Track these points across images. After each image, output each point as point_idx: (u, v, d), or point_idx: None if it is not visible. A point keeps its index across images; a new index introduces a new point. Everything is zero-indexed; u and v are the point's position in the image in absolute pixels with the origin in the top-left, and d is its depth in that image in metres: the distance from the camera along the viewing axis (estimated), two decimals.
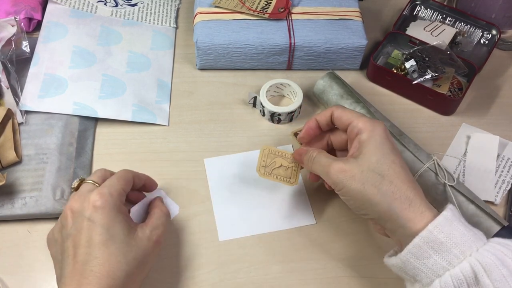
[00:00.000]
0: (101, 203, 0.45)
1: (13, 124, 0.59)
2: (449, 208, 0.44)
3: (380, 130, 0.48)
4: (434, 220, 0.42)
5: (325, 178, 0.49)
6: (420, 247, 0.42)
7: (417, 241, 0.42)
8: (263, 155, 0.55)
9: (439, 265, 0.41)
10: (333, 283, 0.53)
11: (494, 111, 0.67)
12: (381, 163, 0.46)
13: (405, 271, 0.44)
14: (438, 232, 0.42)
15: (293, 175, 0.55)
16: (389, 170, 0.45)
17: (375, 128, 0.48)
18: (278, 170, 0.55)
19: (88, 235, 0.44)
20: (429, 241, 0.42)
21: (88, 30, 0.69)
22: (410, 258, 0.43)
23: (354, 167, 0.46)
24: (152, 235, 0.47)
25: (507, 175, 0.61)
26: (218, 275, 0.52)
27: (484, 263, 0.40)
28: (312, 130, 0.53)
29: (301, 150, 0.53)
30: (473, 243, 0.41)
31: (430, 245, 0.42)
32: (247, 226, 0.56)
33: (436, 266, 0.42)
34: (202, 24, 0.67)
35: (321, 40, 0.66)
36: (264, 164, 0.55)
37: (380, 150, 0.47)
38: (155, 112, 0.64)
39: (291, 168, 0.55)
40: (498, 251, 0.40)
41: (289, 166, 0.55)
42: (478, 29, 0.72)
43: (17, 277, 0.52)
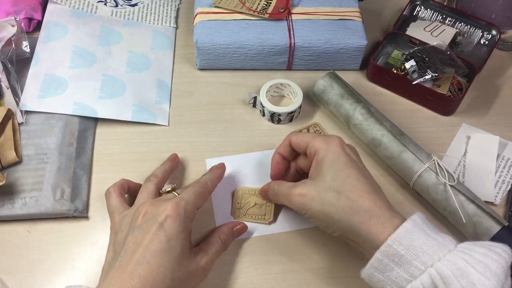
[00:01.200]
0: (175, 214, 0.46)
1: (13, 124, 0.59)
2: (411, 219, 0.44)
3: (334, 146, 0.49)
4: (394, 233, 0.42)
5: (289, 206, 0.50)
6: (381, 261, 0.43)
7: (378, 256, 0.43)
8: (236, 197, 0.57)
9: (401, 277, 0.42)
10: (333, 283, 0.53)
11: (494, 111, 0.67)
12: (335, 179, 0.47)
13: (373, 283, 0.44)
14: (397, 245, 0.42)
15: (268, 212, 0.56)
16: (344, 185, 0.46)
17: (329, 145, 0.49)
18: (253, 209, 0.56)
19: (150, 239, 0.44)
20: (389, 255, 0.42)
21: (88, 30, 0.69)
22: (374, 272, 0.44)
23: (312, 189, 0.47)
24: (203, 261, 0.48)
25: (507, 175, 0.61)
26: (218, 275, 0.52)
27: (443, 274, 0.40)
28: (279, 165, 0.55)
29: (265, 187, 0.55)
30: (435, 253, 0.41)
31: (391, 258, 0.42)
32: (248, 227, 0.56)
33: (399, 278, 0.42)
34: (202, 24, 0.67)
35: (321, 40, 0.66)
36: (239, 206, 0.56)
37: (334, 166, 0.47)
38: (155, 112, 0.64)
39: (265, 205, 0.56)
40: (460, 260, 0.40)
41: (262, 203, 0.56)
42: (478, 29, 0.73)
43: (17, 277, 0.52)
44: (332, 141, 0.49)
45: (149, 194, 0.51)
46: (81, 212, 0.55)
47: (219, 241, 0.51)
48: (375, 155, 0.62)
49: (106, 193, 0.53)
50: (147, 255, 0.44)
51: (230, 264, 0.53)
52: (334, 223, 0.46)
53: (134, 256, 0.44)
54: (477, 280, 0.39)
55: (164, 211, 0.46)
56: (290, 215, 0.57)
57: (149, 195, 0.51)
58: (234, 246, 0.54)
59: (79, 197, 0.56)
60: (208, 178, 0.53)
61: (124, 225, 0.48)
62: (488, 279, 0.39)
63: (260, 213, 0.56)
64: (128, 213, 0.49)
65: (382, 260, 0.43)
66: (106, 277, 0.44)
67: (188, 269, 0.46)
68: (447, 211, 0.55)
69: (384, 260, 0.43)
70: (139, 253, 0.44)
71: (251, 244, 0.55)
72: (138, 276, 0.42)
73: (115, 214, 0.50)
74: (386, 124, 0.59)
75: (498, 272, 0.39)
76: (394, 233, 0.42)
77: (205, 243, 0.51)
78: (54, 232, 0.55)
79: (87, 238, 0.54)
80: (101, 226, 0.55)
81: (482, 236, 0.52)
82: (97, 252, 0.53)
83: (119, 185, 0.53)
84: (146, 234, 0.45)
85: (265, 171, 0.58)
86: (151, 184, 0.52)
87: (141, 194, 0.51)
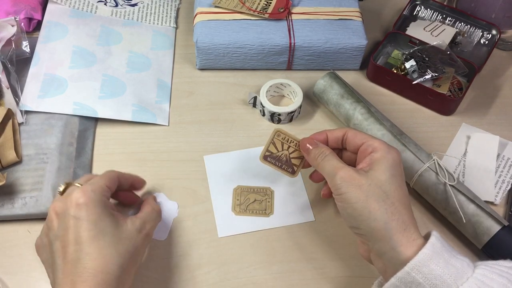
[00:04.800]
0: (84, 199, 0.44)
1: (13, 124, 0.59)
2: (430, 243, 0.42)
3: (394, 154, 0.48)
4: (413, 259, 0.41)
5: (330, 179, 0.48)
6: (397, 287, 0.41)
7: (394, 281, 0.41)
8: (236, 194, 0.58)
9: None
10: (333, 283, 0.53)
11: (494, 111, 0.67)
12: (389, 183, 0.46)
13: None
14: (416, 273, 0.41)
15: (268, 206, 0.57)
16: (395, 192, 0.45)
17: (391, 151, 0.48)
18: (253, 205, 0.57)
19: (76, 233, 0.43)
20: (407, 282, 0.41)
21: (88, 30, 0.69)
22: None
23: (363, 178, 0.46)
24: (142, 228, 0.47)
25: (507, 175, 0.61)
26: (218, 275, 0.52)
27: None
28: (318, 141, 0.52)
29: (311, 142, 0.52)
30: (453, 282, 0.40)
31: (408, 285, 0.41)
32: (246, 223, 0.56)
33: None
34: (202, 24, 0.67)
35: (321, 40, 0.66)
36: (239, 203, 0.57)
37: (391, 172, 0.46)
38: (155, 112, 0.64)
39: (265, 201, 0.57)
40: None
41: (262, 199, 0.57)
42: (478, 29, 0.72)
43: (17, 277, 0.52)
44: (394, 150, 0.48)
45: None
46: None
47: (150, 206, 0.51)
48: None
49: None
50: (82, 248, 0.42)
51: (230, 264, 0.53)
52: (368, 219, 0.44)
53: (69, 257, 0.43)
54: None
55: (72, 202, 0.44)
56: (289, 209, 0.57)
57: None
58: (234, 246, 0.54)
59: None
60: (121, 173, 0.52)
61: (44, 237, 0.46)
62: None
63: (261, 208, 0.57)
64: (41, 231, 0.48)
65: (398, 286, 0.41)
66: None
67: (130, 239, 0.45)
68: (447, 211, 0.55)
69: (401, 286, 0.41)
70: (73, 251, 0.43)
71: (252, 244, 0.55)
72: (83, 270, 0.41)
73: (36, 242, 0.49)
74: (386, 124, 0.59)
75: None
76: (413, 259, 0.41)
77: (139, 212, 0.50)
78: None
79: None
80: None
81: (482, 236, 0.52)
82: None
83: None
84: (68, 231, 0.43)
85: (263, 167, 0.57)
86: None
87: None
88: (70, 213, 0.44)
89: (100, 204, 0.45)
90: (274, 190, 0.58)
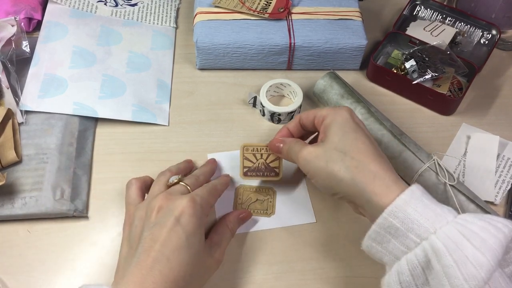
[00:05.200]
0: (192, 210, 0.46)
1: (13, 124, 0.59)
2: (409, 189, 0.43)
3: (343, 112, 0.49)
4: (390, 205, 0.42)
5: (296, 162, 0.50)
6: (378, 233, 0.43)
7: (375, 227, 0.43)
8: (238, 193, 0.58)
9: (398, 249, 0.42)
10: (333, 283, 0.53)
11: (494, 111, 0.67)
12: (343, 141, 0.47)
13: (372, 254, 0.45)
14: (393, 218, 0.41)
15: (270, 207, 0.57)
16: (351, 146, 0.46)
17: (338, 111, 0.49)
18: (255, 205, 0.57)
19: (168, 234, 0.44)
20: (385, 227, 0.42)
21: (88, 30, 0.69)
22: (372, 243, 0.44)
23: (319, 148, 0.48)
24: (217, 254, 0.49)
25: (507, 175, 0.61)
26: (218, 275, 0.52)
27: (436, 247, 0.39)
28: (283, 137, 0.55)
29: (278, 141, 0.54)
30: (431, 225, 0.40)
31: (387, 230, 0.42)
32: (247, 222, 0.56)
33: (395, 250, 0.42)
34: (202, 24, 0.67)
35: (321, 40, 0.66)
36: (241, 202, 0.57)
37: (342, 129, 0.48)
38: (155, 112, 0.64)
39: (266, 201, 0.57)
40: (455, 233, 0.39)
41: (264, 199, 0.57)
42: (478, 29, 0.72)
43: (17, 277, 0.52)
44: (342, 109, 0.50)
45: (161, 187, 0.51)
46: (81, 212, 0.55)
47: (228, 230, 0.52)
48: None
49: (128, 183, 0.52)
50: (166, 251, 0.43)
51: (231, 264, 0.53)
52: (337, 183, 0.46)
53: (152, 253, 0.43)
54: (471, 254, 0.37)
55: (180, 205, 0.46)
56: (291, 210, 0.57)
57: (161, 188, 0.50)
58: (235, 246, 0.54)
59: (79, 197, 0.56)
60: (217, 182, 0.53)
61: (138, 220, 0.47)
62: (483, 254, 0.37)
63: (263, 208, 0.57)
64: (141, 206, 0.49)
65: (379, 232, 0.43)
66: (125, 274, 0.43)
67: (205, 264, 0.47)
68: None
69: (381, 232, 0.42)
70: (157, 250, 0.43)
71: (252, 244, 0.55)
72: (158, 273, 0.42)
73: (131, 206, 0.50)
74: (386, 124, 0.59)
75: (495, 247, 0.38)
76: (390, 205, 0.42)
77: (215, 234, 0.51)
78: (54, 232, 0.55)
79: (87, 238, 0.54)
80: (101, 226, 0.55)
81: None
82: (97, 252, 0.53)
83: (142, 179, 0.53)
84: (163, 229, 0.44)
85: None
86: (164, 178, 0.52)
87: (154, 187, 0.51)
88: (174, 213, 0.45)
89: (200, 221, 0.46)
90: (276, 190, 0.58)
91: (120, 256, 0.47)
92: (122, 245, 0.48)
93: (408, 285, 0.41)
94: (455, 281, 0.37)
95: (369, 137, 0.48)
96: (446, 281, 0.38)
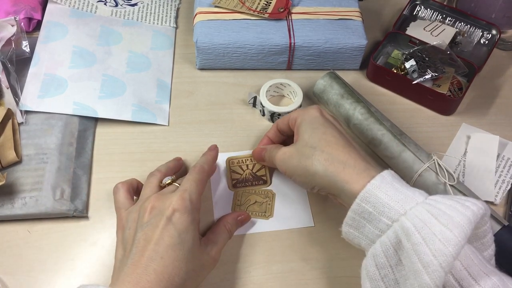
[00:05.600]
0: (182, 207, 0.46)
1: (13, 124, 0.59)
2: (380, 175, 0.44)
3: (311, 111, 0.52)
4: (362, 191, 0.43)
5: (275, 165, 0.53)
6: (353, 219, 0.44)
7: (350, 214, 0.44)
8: (236, 194, 0.58)
9: (373, 233, 0.43)
10: (333, 283, 0.53)
11: (494, 111, 0.67)
12: (312, 137, 0.49)
13: (350, 240, 0.46)
14: (365, 203, 0.43)
15: (268, 209, 0.57)
16: (320, 141, 0.49)
17: (307, 111, 0.52)
18: (253, 207, 0.57)
19: (161, 234, 0.44)
20: (359, 213, 0.44)
21: (88, 30, 0.69)
22: (349, 229, 0.45)
23: (292, 148, 0.51)
24: (213, 252, 0.49)
25: (507, 175, 0.61)
26: (218, 275, 0.52)
27: (405, 227, 0.40)
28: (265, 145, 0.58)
29: (260, 150, 0.57)
30: (401, 207, 0.41)
31: (361, 215, 0.44)
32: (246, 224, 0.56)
33: (371, 234, 0.44)
34: (202, 24, 0.67)
35: (321, 40, 0.66)
36: (239, 203, 0.57)
37: (311, 126, 0.50)
38: (155, 112, 0.64)
39: (265, 203, 0.57)
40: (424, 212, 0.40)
41: (263, 201, 0.57)
42: (478, 29, 0.72)
43: (17, 277, 0.52)
44: (310, 108, 0.53)
45: (153, 189, 0.51)
46: (81, 212, 0.55)
47: (226, 230, 0.52)
48: (375, 155, 0.62)
49: (114, 189, 0.53)
50: (159, 250, 0.44)
51: (230, 264, 0.53)
52: (311, 177, 0.48)
53: (146, 252, 0.44)
54: (439, 231, 0.38)
55: (170, 205, 0.46)
56: (290, 214, 0.57)
57: (153, 190, 0.51)
58: (234, 246, 0.54)
59: (79, 197, 0.56)
60: (203, 161, 0.53)
61: (131, 222, 0.48)
62: (450, 230, 0.38)
63: (261, 210, 0.57)
64: (133, 209, 0.49)
65: (354, 217, 0.44)
66: (120, 275, 0.43)
67: (200, 261, 0.47)
68: None
69: (355, 217, 0.44)
70: (151, 249, 0.44)
71: (252, 244, 0.55)
72: (153, 271, 0.42)
73: (122, 210, 0.50)
74: (386, 124, 0.59)
75: (463, 223, 0.38)
76: (362, 191, 0.43)
77: (212, 233, 0.51)
78: (54, 232, 0.55)
79: (87, 238, 0.54)
80: (101, 226, 0.55)
81: None
82: (97, 252, 0.53)
83: (129, 182, 0.53)
84: (156, 229, 0.45)
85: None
86: (155, 179, 0.52)
87: (145, 189, 0.51)
88: (165, 213, 0.46)
89: (191, 215, 0.47)
90: (275, 193, 0.58)
91: (115, 259, 0.47)
92: (117, 248, 0.48)
93: (383, 266, 0.42)
94: (424, 258, 0.38)
95: (338, 130, 0.50)
96: (416, 258, 0.39)
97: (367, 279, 0.43)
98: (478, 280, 0.40)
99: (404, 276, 0.41)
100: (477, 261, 0.41)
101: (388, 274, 0.42)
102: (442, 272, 0.37)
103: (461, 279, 0.40)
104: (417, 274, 0.39)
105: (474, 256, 0.41)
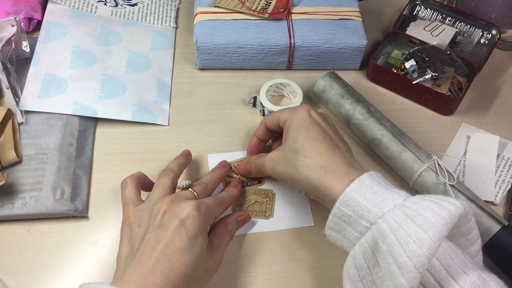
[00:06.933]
0: (196, 214, 0.46)
1: (13, 124, 0.59)
2: (359, 178, 0.45)
3: (300, 113, 0.52)
4: (341, 195, 0.44)
5: (266, 173, 0.54)
6: (335, 222, 0.45)
7: (331, 217, 0.45)
8: None
9: (353, 235, 0.44)
10: (333, 283, 0.53)
11: (494, 111, 0.67)
12: (296, 141, 0.50)
13: (334, 242, 0.47)
14: (344, 207, 0.44)
15: (268, 209, 0.57)
16: (303, 146, 0.49)
17: (295, 113, 0.52)
18: (253, 207, 0.57)
19: (171, 237, 0.44)
20: (339, 216, 0.45)
21: (88, 30, 0.69)
22: (331, 232, 0.46)
23: (278, 152, 0.51)
24: (217, 257, 0.49)
25: (507, 175, 0.61)
26: (218, 275, 0.52)
27: (381, 229, 0.41)
28: (255, 147, 0.58)
29: (243, 164, 0.58)
30: (379, 210, 0.42)
31: (342, 219, 0.44)
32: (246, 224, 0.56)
33: (351, 236, 0.44)
34: (202, 24, 0.67)
35: (321, 40, 0.66)
36: (239, 203, 0.57)
37: (296, 130, 0.50)
38: (155, 112, 0.64)
39: (265, 203, 0.57)
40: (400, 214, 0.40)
41: (263, 201, 0.57)
42: (478, 29, 0.73)
43: (17, 277, 0.52)
44: (298, 109, 0.52)
45: (165, 190, 0.51)
46: (81, 212, 0.55)
47: (227, 232, 0.52)
48: (375, 155, 0.62)
49: (123, 183, 0.52)
50: (168, 252, 0.43)
51: (231, 264, 0.53)
52: (297, 182, 0.49)
53: (154, 253, 0.43)
54: (413, 232, 0.39)
55: (185, 209, 0.46)
56: (290, 214, 0.57)
57: (165, 191, 0.50)
58: (235, 246, 0.54)
59: (79, 197, 0.56)
60: (226, 195, 0.54)
61: (142, 220, 0.47)
62: (425, 231, 0.38)
63: (261, 210, 0.57)
64: (144, 207, 0.48)
65: (335, 221, 0.45)
66: (125, 273, 0.43)
67: (206, 266, 0.47)
68: None
69: (336, 220, 0.45)
70: (160, 250, 0.43)
71: (251, 244, 0.55)
72: (159, 273, 0.42)
73: (130, 206, 0.50)
74: (386, 124, 0.59)
75: (438, 224, 0.38)
76: (341, 195, 0.44)
77: (215, 236, 0.51)
78: (54, 232, 0.55)
79: (87, 238, 0.54)
80: (101, 226, 0.55)
81: (482, 235, 0.52)
82: (97, 252, 0.53)
83: (137, 176, 0.53)
84: (167, 230, 0.45)
85: None
86: (167, 179, 0.52)
87: (156, 188, 0.51)
88: (180, 216, 0.46)
89: (203, 225, 0.47)
90: (276, 192, 0.58)
91: (119, 256, 0.47)
92: (122, 245, 0.47)
93: (362, 267, 0.43)
94: (399, 259, 0.39)
95: (324, 131, 0.50)
96: (391, 259, 0.39)
97: (348, 280, 0.44)
98: (457, 280, 0.41)
99: (381, 278, 0.41)
100: (457, 260, 0.42)
101: (366, 276, 0.43)
102: (416, 273, 0.38)
103: (441, 279, 0.41)
104: (392, 275, 0.39)
105: (454, 255, 0.42)
